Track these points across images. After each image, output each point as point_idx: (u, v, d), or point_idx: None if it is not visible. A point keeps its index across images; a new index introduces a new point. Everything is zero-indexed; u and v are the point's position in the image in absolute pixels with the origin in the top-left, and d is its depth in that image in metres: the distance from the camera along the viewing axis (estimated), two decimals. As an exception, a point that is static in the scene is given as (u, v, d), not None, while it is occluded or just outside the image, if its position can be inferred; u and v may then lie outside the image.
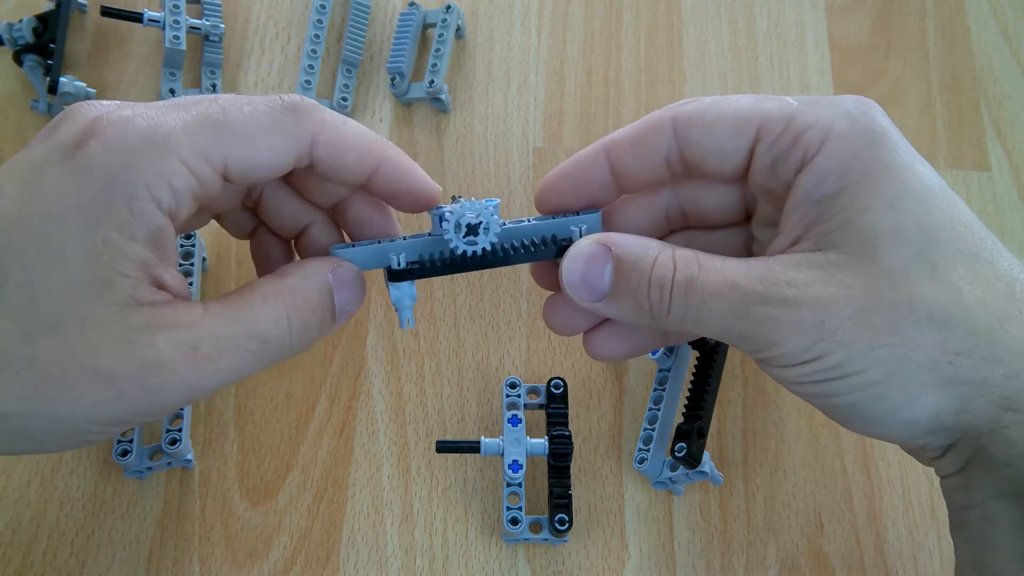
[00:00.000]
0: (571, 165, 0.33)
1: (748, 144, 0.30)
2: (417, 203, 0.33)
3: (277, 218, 0.34)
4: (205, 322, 0.28)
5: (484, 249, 0.32)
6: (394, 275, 0.32)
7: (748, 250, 0.35)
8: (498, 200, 0.32)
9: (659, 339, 0.35)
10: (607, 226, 0.34)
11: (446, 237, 0.31)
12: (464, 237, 0.31)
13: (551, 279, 0.35)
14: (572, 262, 0.31)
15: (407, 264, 0.32)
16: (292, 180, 0.34)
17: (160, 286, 0.28)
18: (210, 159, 0.28)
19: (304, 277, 0.31)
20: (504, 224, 0.33)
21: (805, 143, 0.29)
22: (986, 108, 0.51)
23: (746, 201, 0.34)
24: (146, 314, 0.27)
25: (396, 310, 0.33)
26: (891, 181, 0.28)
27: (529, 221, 0.33)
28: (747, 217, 0.34)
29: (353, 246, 0.33)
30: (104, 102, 0.30)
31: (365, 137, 0.32)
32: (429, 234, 0.33)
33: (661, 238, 0.35)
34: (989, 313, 0.28)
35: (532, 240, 0.32)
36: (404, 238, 0.33)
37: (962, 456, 0.30)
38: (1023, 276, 0.29)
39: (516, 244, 0.32)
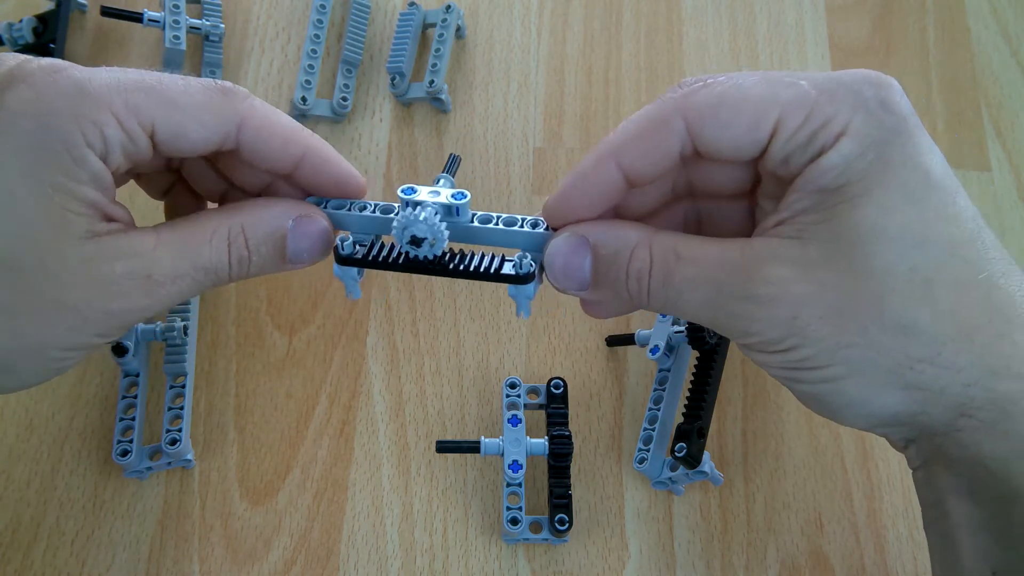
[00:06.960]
0: (579, 180, 0.32)
1: (766, 137, 0.29)
2: (343, 194, 0.34)
3: (199, 184, 0.35)
4: (158, 252, 0.30)
5: (428, 257, 0.31)
6: (340, 259, 0.32)
7: (752, 218, 0.34)
8: (468, 196, 0.32)
9: None
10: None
11: (394, 235, 0.31)
12: (409, 244, 0.31)
13: None
14: (553, 255, 0.31)
15: (352, 251, 0.32)
16: (219, 164, 0.34)
17: (110, 219, 0.29)
18: (140, 118, 0.29)
19: (258, 222, 0.32)
20: (473, 219, 0.32)
21: (822, 138, 0.29)
22: (986, 108, 0.51)
23: (754, 173, 0.33)
24: (102, 244, 0.29)
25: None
26: (889, 180, 0.28)
27: (497, 222, 0.32)
28: (754, 187, 0.33)
29: (324, 204, 0.33)
30: (26, 55, 0.30)
31: (291, 127, 0.32)
32: (396, 213, 0.32)
33: (666, 204, 0.35)
34: (958, 322, 0.28)
35: (480, 263, 0.32)
36: (364, 208, 0.33)
37: (923, 452, 0.30)
38: (1002, 281, 0.29)
39: (467, 264, 0.32)
